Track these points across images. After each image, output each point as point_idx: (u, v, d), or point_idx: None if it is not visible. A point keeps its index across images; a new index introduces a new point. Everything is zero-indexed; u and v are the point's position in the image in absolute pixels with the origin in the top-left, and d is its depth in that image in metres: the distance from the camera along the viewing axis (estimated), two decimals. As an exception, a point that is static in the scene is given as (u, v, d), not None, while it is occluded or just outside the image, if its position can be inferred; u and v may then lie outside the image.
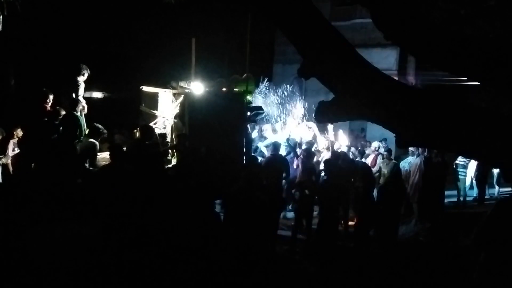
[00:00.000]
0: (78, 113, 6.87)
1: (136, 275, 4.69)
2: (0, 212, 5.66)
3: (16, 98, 11.62)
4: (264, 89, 10.76)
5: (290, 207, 7.94)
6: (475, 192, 10.39)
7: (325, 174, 6.60)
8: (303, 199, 6.75)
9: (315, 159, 8.06)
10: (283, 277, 5.53)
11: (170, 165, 7.11)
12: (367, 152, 9.42)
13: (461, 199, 9.95)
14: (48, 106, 6.83)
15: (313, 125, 9.83)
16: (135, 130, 8.02)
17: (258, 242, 5.07)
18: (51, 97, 7.07)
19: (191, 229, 5.01)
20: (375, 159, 9.02)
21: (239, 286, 4.92)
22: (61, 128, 6.67)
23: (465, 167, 9.79)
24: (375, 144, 9.25)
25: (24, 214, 5.61)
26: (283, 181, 7.51)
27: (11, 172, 7.24)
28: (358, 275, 5.92)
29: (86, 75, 7.44)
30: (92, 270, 4.67)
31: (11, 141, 7.33)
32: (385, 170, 8.36)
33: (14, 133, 7.37)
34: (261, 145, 8.82)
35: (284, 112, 10.66)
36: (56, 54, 12.76)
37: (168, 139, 8.16)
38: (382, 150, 9.46)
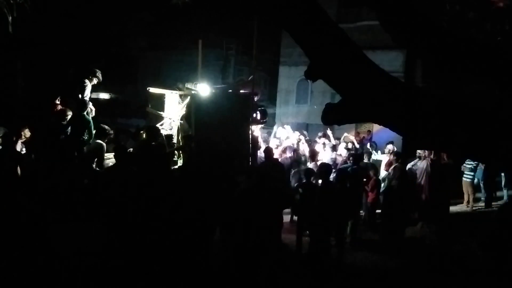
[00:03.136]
0: (87, 115, 6.90)
1: (139, 276, 4.71)
2: (8, 211, 5.71)
3: (24, 99, 11.71)
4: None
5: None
6: (482, 195, 10.32)
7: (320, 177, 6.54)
8: (303, 202, 6.72)
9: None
10: (288, 277, 5.52)
11: (176, 166, 7.13)
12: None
13: (468, 202, 9.89)
14: (56, 107, 6.87)
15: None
16: (141, 131, 8.05)
17: (264, 242, 5.06)
18: (58, 98, 7.12)
19: (197, 228, 5.02)
20: (390, 160, 8.95)
21: (243, 285, 4.92)
22: (69, 129, 6.71)
23: (472, 170, 9.72)
24: (389, 146, 9.22)
25: (31, 214, 5.64)
26: None
27: (19, 173, 7.28)
28: (362, 277, 5.91)
29: (95, 80, 7.47)
30: (97, 270, 4.70)
31: (19, 142, 7.37)
32: (392, 173, 8.30)
33: (22, 133, 7.41)
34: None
35: None
36: (64, 55, 12.86)
37: (174, 140, 8.19)
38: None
